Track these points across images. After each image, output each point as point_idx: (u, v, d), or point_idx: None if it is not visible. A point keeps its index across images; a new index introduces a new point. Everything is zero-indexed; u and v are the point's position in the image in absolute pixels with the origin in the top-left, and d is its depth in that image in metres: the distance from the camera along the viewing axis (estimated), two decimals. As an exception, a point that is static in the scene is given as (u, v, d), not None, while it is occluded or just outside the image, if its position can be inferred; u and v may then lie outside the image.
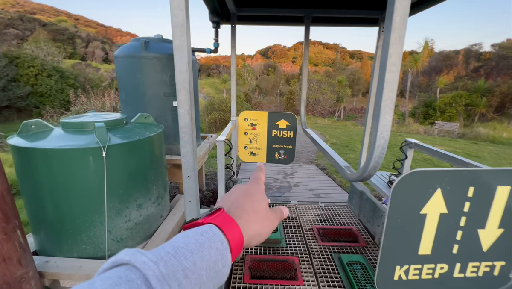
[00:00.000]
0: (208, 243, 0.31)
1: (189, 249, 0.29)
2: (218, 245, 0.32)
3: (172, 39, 0.80)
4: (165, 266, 0.25)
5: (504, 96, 15.97)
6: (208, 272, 0.29)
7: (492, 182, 0.87)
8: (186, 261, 0.27)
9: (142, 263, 0.24)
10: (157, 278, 0.24)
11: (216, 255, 0.31)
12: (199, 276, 0.28)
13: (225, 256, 0.32)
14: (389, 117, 0.83)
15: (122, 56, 2.24)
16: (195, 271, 0.27)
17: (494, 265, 0.97)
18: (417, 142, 1.69)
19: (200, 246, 0.30)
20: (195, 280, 0.27)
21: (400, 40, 0.76)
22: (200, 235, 0.31)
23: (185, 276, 0.26)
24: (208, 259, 0.29)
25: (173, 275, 0.25)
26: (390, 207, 0.86)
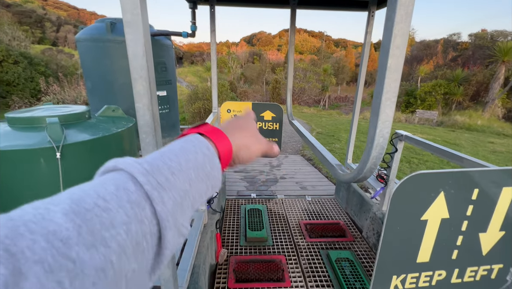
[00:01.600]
0: (193, 149, 0.32)
1: (174, 153, 0.30)
2: (204, 150, 0.33)
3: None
4: (149, 165, 0.26)
5: (479, 85, 16.67)
6: (196, 172, 0.30)
7: (498, 183, 0.78)
8: (171, 162, 0.28)
9: (126, 164, 0.26)
10: (141, 173, 0.25)
11: (203, 159, 0.32)
12: (187, 174, 0.29)
13: (212, 159, 0.33)
14: (391, 112, 0.71)
15: (85, 39, 1.96)
16: (182, 170, 0.28)
17: (492, 268, 0.91)
18: (407, 135, 1.61)
19: (185, 151, 0.31)
20: (183, 177, 0.28)
21: (407, 18, 0.62)
22: (184, 142, 0.32)
23: (171, 173, 0.27)
24: (194, 161, 0.30)
25: (158, 171, 0.26)
26: (388, 215, 0.75)
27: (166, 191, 0.25)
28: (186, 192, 0.28)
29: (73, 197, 0.21)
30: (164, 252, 0.25)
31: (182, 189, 0.27)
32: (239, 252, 1.85)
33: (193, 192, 0.29)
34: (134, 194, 0.23)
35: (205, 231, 1.54)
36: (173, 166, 0.28)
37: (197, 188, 0.30)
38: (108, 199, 0.22)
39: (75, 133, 1.30)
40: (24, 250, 0.15)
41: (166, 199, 0.25)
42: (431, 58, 29.22)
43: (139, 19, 0.60)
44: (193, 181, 0.29)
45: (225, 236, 2.04)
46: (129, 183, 0.24)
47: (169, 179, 0.26)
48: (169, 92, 2.33)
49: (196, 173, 0.30)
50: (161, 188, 0.25)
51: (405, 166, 4.71)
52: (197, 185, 0.30)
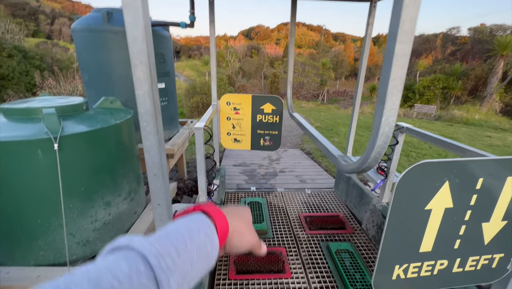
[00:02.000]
0: (197, 227, 0.34)
1: (180, 232, 0.32)
2: (206, 229, 0.35)
3: None
4: (160, 246, 0.28)
5: (477, 79, 16.68)
6: (199, 252, 0.31)
7: (502, 172, 0.78)
8: (178, 242, 0.30)
9: (139, 244, 0.27)
10: (153, 255, 0.27)
11: (204, 238, 0.33)
12: (190, 255, 0.30)
13: (213, 239, 0.35)
14: (397, 100, 0.69)
15: (80, 29, 1.91)
16: (187, 250, 0.30)
17: (494, 257, 0.92)
18: (408, 127, 1.60)
19: (189, 230, 0.33)
20: (187, 259, 0.30)
21: (416, 2, 0.61)
22: (188, 222, 0.35)
23: (177, 254, 0.29)
24: (197, 241, 0.32)
25: (167, 253, 0.28)
26: (393, 204, 0.75)
27: (173, 274, 0.27)
28: (187, 273, 0.29)
29: (90, 277, 0.23)
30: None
31: (185, 270, 0.29)
32: (239, 245, 1.85)
33: (193, 273, 0.31)
34: (145, 276, 0.25)
35: (206, 224, 1.54)
36: (179, 247, 0.30)
37: (197, 269, 0.31)
38: (122, 279, 0.24)
39: (72, 125, 1.28)
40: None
41: (172, 283, 0.27)
42: (430, 53, 29.13)
43: (138, 3, 0.57)
44: (195, 262, 0.31)
45: (225, 228, 2.04)
46: (141, 265, 0.26)
47: (176, 261, 0.28)
48: (168, 84, 2.30)
49: (198, 254, 0.31)
50: (170, 272, 0.27)
51: (404, 159, 4.74)
52: (197, 266, 0.31)
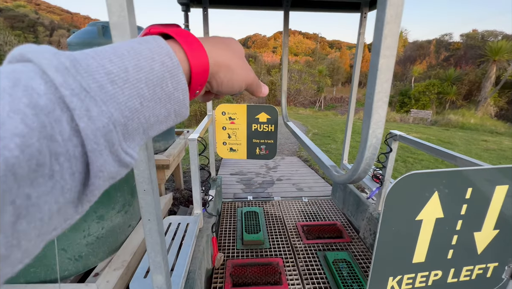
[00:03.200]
0: (149, 54, 0.23)
1: (118, 54, 0.21)
2: (164, 59, 0.24)
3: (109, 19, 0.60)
4: (72, 61, 0.19)
5: (471, 84, 16.94)
6: (151, 87, 0.22)
7: (491, 181, 0.78)
8: (112, 65, 0.20)
9: (37, 53, 0.18)
10: (57, 70, 0.17)
11: (161, 70, 0.23)
12: (137, 88, 0.21)
13: (177, 76, 0.25)
14: (383, 112, 0.70)
15: (76, 43, 1.94)
16: (128, 79, 0.21)
17: (488, 267, 0.91)
18: (402, 135, 1.62)
19: (136, 54, 0.22)
20: (131, 91, 0.21)
21: (397, 18, 0.62)
22: (137, 44, 0.24)
23: (110, 81, 0.20)
24: (147, 71, 0.22)
25: (87, 73, 0.19)
26: (383, 215, 0.75)
27: (97, 103, 0.19)
28: (135, 112, 0.21)
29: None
30: (94, 182, 0.20)
31: (128, 106, 0.21)
32: (236, 256, 1.83)
33: (147, 114, 0.22)
34: (43, 97, 0.16)
35: (201, 235, 1.52)
36: (113, 72, 0.20)
37: (153, 111, 0.23)
38: None
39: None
40: None
41: (95, 113, 0.18)
42: (424, 58, 29.63)
43: (125, 22, 0.59)
44: (147, 100, 0.22)
45: (221, 239, 2.02)
46: (37, 81, 0.17)
47: (105, 88, 0.19)
48: (163, 95, 2.31)
49: (152, 90, 0.23)
50: (88, 97, 0.18)
51: (401, 165, 4.75)
52: (153, 106, 0.23)
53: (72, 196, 0.19)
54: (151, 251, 0.82)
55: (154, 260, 0.83)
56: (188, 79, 0.28)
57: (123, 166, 0.22)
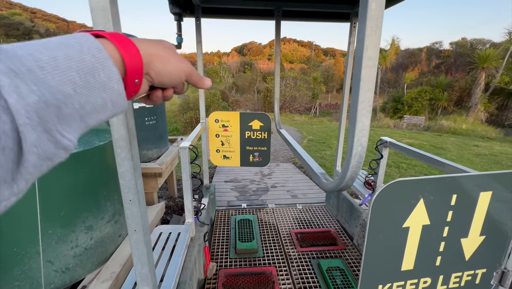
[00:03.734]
0: (78, 46, 0.25)
1: (46, 46, 0.23)
2: (93, 52, 0.26)
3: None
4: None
5: (462, 90, 17.33)
6: (83, 76, 0.24)
7: (475, 188, 0.80)
8: (40, 54, 0.21)
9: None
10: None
11: (92, 61, 0.25)
12: (68, 75, 0.22)
13: (108, 66, 0.26)
14: (367, 121, 0.72)
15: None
16: (58, 66, 0.22)
17: (476, 273, 0.92)
18: (392, 142, 1.64)
19: (65, 47, 0.24)
20: (61, 77, 0.22)
21: (377, 30, 0.64)
22: (66, 38, 0.25)
23: (39, 67, 0.21)
24: (77, 60, 0.24)
25: (15, 58, 0.19)
26: (370, 224, 0.75)
27: (26, 82, 0.19)
28: (68, 97, 0.22)
29: None
30: (28, 158, 0.20)
31: (60, 90, 0.22)
32: (228, 265, 1.80)
33: (81, 100, 0.23)
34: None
35: (192, 245, 1.50)
36: (42, 59, 0.21)
37: (88, 98, 0.24)
38: None
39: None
40: None
41: (25, 91, 0.19)
42: (416, 66, 30.31)
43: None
44: (80, 87, 0.23)
45: (214, 248, 1.99)
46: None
47: (34, 71, 0.20)
48: (156, 103, 2.31)
49: (84, 79, 0.24)
50: (16, 76, 0.19)
51: (395, 171, 4.78)
52: (87, 94, 0.24)
53: (4, 173, 0.18)
54: (138, 263, 0.80)
55: (140, 271, 0.81)
56: (123, 71, 0.30)
57: (61, 148, 0.22)
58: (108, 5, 0.58)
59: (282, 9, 2.04)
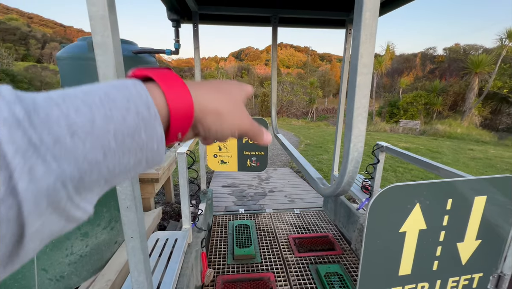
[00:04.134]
0: (124, 103, 0.21)
1: (87, 102, 0.19)
2: (141, 109, 0.22)
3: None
4: (28, 109, 0.17)
5: (456, 95, 17.61)
6: (121, 139, 0.20)
7: (469, 193, 0.81)
8: (77, 115, 0.18)
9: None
10: (3, 121, 0.15)
11: (135, 121, 0.21)
12: (102, 141, 0.19)
13: (152, 126, 0.22)
14: (363, 126, 0.73)
15: (66, 57, 1.94)
16: (92, 131, 0.19)
17: (473, 277, 0.92)
18: (388, 146, 1.65)
19: (108, 102, 0.20)
20: (93, 143, 0.19)
21: (372, 38, 0.66)
22: (114, 89, 0.21)
23: (70, 133, 0.18)
24: (119, 122, 0.20)
25: (44, 124, 0.17)
26: (367, 229, 0.75)
27: (45, 160, 0.16)
28: (96, 164, 0.19)
29: None
30: (28, 244, 0.17)
31: (88, 159, 0.19)
32: (226, 271, 1.79)
33: (111, 164, 0.20)
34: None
35: (190, 251, 1.49)
36: (77, 122, 0.18)
37: (120, 160, 0.21)
38: None
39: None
40: None
41: (40, 172, 0.16)
42: (411, 71, 30.76)
43: (109, 41, 0.60)
44: (112, 152, 0.20)
45: (212, 254, 1.97)
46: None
47: (61, 142, 0.17)
48: (154, 108, 2.30)
49: (121, 142, 0.20)
50: (36, 154, 0.16)
51: (391, 174, 4.81)
52: (119, 157, 0.21)
53: (0, 258, 0.17)
54: (134, 270, 0.79)
55: (137, 279, 0.81)
56: (167, 124, 0.26)
57: (71, 221, 0.20)
58: (107, 13, 0.58)
59: (279, 16, 2.07)
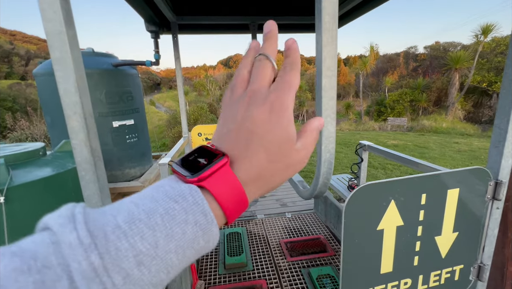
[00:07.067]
0: (184, 216, 0.21)
1: (151, 224, 0.20)
2: (198, 218, 0.22)
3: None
4: (100, 255, 0.17)
5: (439, 91, 18.21)
6: (182, 254, 0.21)
7: (442, 186, 0.82)
8: (143, 242, 0.19)
9: (68, 246, 0.16)
10: (82, 275, 0.16)
11: (194, 232, 0.22)
12: (165, 262, 0.20)
13: (210, 231, 0.23)
14: (332, 128, 0.74)
15: (43, 74, 1.91)
16: (157, 255, 0.19)
17: (454, 270, 0.93)
18: (370, 145, 1.68)
19: (169, 220, 0.21)
20: (158, 266, 0.19)
21: (333, 41, 0.67)
22: (173, 202, 0.22)
23: (137, 264, 0.18)
24: (180, 238, 0.21)
25: (116, 265, 0.17)
26: (344, 229, 0.76)
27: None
28: (160, 282, 0.20)
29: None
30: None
31: (152, 282, 0.19)
32: (217, 282, 1.75)
33: (171, 276, 0.21)
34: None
35: (177, 264, 1.45)
36: (143, 252, 0.19)
37: (178, 271, 0.22)
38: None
39: (25, 173, 1.21)
40: None
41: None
42: (395, 70, 31.66)
43: (68, 56, 0.59)
44: (174, 267, 0.21)
45: (202, 265, 1.93)
46: (63, 282, 0.16)
47: (131, 276, 0.18)
48: (137, 120, 2.29)
49: (182, 256, 0.21)
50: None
51: (381, 172, 4.88)
52: (178, 269, 0.22)
53: None
54: None
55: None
56: (222, 220, 0.25)
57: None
58: (64, 29, 0.58)
59: (258, 23, 2.10)
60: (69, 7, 0.60)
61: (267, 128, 0.26)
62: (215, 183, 0.24)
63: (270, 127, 0.26)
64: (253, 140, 0.26)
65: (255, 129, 0.26)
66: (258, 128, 0.26)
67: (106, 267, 0.17)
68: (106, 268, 0.17)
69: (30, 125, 11.68)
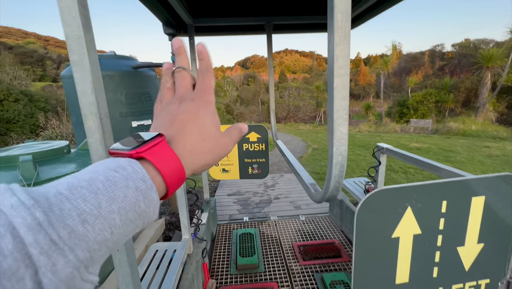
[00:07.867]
0: (124, 182, 0.24)
1: (93, 189, 0.22)
2: (138, 184, 0.24)
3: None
4: (46, 211, 0.19)
5: (468, 91, 17.06)
6: (125, 215, 0.23)
7: (465, 193, 0.76)
8: (85, 204, 0.21)
9: (10, 207, 0.18)
10: (29, 228, 0.17)
11: (135, 196, 0.24)
12: (108, 221, 0.22)
13: (149, 196, 0.25)
14: (344, 129, 0.71)
15: (69, 76, 2.03)
16: (100, 214, 0.21)
17: (479, 284, 0.86)
18: (388, 148, 1.61)
19: (110, 185, 0.23)
20: (102, 225, 0.21)
21: (346, 39, 0.65)
22: (113, 172, 0.24)
23: (81, 221, 0.20)
24: (122, 200, 0.23)
25: (59, 221, 0.19)
26: (356, 235, 0.73)
27: (64, 253, 0.18)
28: (104, 242, 0.21)
29: None
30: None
31: (97, 240, 0.21)
32: (229, 282, 1.76)
33: (116, 238, 0.22)
34: (9, 258, 0.16)
35: (190, 262, 1.47)
36: (86, 211, 0.20)
37: (123, 232, 0.23)
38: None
39: (50, 170, 1.30)
40: None
41: (60, 266, 0.18)
42: (419, 69, 30.15)
43: (85, 59, 0.62)
44: (117, 227, 0.22)
45: (215, 265, 1.95)
46: (6, 240, 0.16)
47: (76, 231, 0.19)
48: (155, 120, 2.36)
49: (124, 217, 0.23)
50: (57, 250, 0.18)
51: (402, 176, 4.66)
52: (122, 230, 0.23)
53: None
54: (122, 283, 0.79)
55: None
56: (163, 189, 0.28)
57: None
58: (82, 33, 0.60)
59: (273, 23, 2.09)
60: (87, 13, 0.62)
61: (197, 115, 0.32)
62: (153, 154, 0.27)
63: (199, 115, 0.32)
64: (187, 124, 0.31)
65: (188, 117, 0.32)
66: (190, 115, 0.32)
67: (51, 222, 0.18)
68: (51, 222, 0.18)
69: (60, 124, 12.49)
